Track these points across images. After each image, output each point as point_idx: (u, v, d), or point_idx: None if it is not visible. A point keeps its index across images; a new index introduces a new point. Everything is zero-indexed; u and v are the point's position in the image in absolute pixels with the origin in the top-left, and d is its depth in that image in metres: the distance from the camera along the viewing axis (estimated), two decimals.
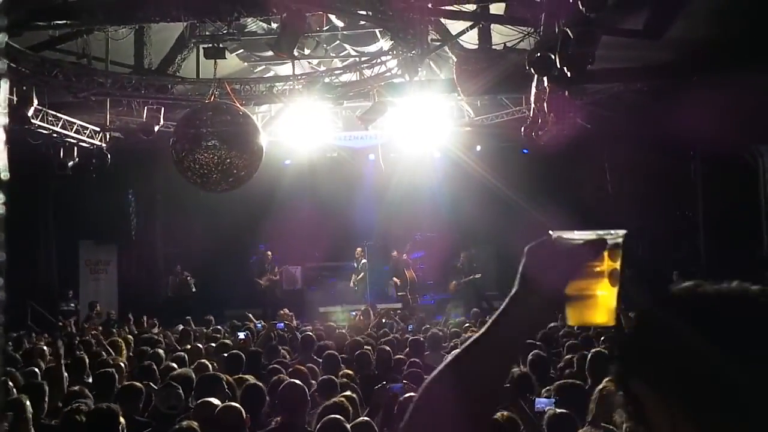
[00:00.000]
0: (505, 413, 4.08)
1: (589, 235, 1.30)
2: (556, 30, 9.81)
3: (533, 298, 1.30)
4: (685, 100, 12.40)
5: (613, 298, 1.31)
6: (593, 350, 6.48)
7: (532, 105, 13.38)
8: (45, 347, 9.50)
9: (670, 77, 13.35)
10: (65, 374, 7.01)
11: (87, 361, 7.77)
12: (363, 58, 14.52)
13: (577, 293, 1.30)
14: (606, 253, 1.29)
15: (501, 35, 12.48)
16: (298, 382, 5.29)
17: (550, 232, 1.33)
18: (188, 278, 18.75)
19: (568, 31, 9.35)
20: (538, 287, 1.30)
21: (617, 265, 1.30)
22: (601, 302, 1.30)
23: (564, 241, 1.31)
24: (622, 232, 1.31)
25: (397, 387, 5.72)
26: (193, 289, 18.69)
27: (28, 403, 5.06)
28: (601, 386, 4.61)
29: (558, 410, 4.63)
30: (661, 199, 16.68)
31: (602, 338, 8.06)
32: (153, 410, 5.82)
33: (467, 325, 11.45)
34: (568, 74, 9.93)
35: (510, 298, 1.33)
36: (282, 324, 11.26)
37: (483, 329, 1.34)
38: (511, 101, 16.05)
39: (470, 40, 12.99)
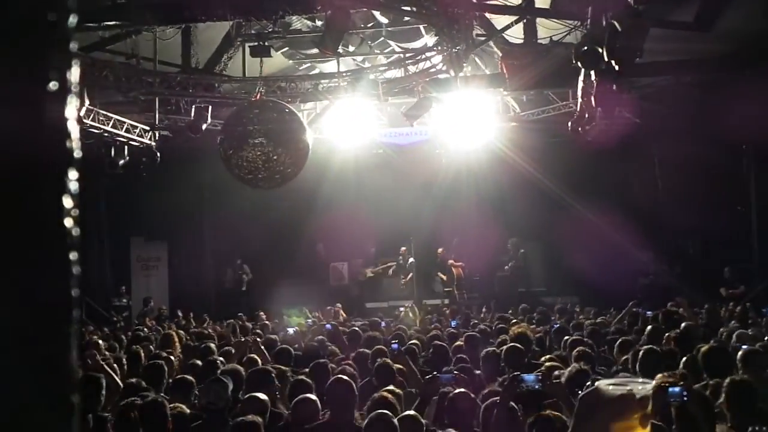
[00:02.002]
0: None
1: (627, 384, 1.84)
2: (604, 23, 9.70)
3: None
4: (737, 93, 12.16)
5: None
6: (645, 347, 6.36)
7: (579, 99, 13.25)
8: (100, 341, 9.69)
9: (721, 70, 13.10)
10: (124, 366, 7.15)
11: (142, 354, 7.91)
12: (408, 55, 14.51)
13: None
14: (637, 403, 1.80)
15: (547, 29, 12.38)
16: (345, 377, 5.31)
17: (597, 382, 1.93)
18: (243, 276, 19.06)
19: (616, 24, 9.25)
20: (590, 429, 1.89)
21: (647, 410, 1.81)
22: None
23: (607, 391, 1.84)
24: (651, 383, 1.89)
25: (448, 377, 5.68)
26: (243, 288, 19.00)
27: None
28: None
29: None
30: (712, 195, 16.30)
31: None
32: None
33: (514, 321, 11.30)
34: (616, 68, 9.82)
35: None
36: (330, 325, 11.30)
37: None
38: (557, 96, 15.90)
39: (516, 34, 12.91)
